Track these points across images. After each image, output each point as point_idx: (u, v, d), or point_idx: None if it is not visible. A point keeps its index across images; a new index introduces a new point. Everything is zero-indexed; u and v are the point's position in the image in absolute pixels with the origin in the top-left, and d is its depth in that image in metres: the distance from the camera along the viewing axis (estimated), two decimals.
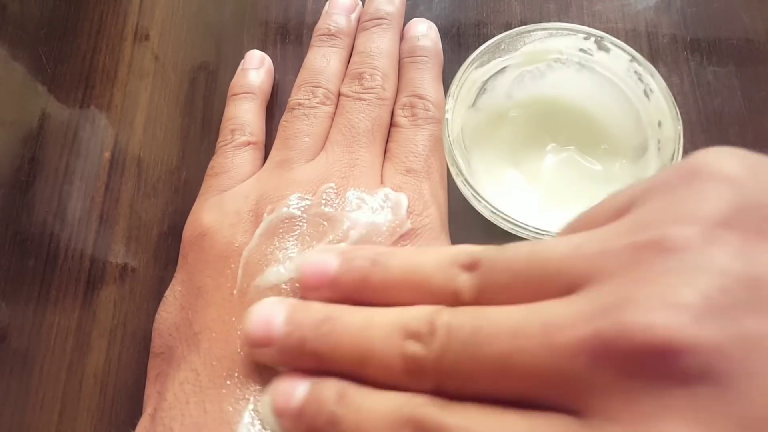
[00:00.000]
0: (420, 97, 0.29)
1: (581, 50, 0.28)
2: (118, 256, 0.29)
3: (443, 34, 0.32)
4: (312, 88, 0.29)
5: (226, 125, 0.30)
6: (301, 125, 0.28)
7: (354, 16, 0.32)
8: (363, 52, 0.30)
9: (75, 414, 0.27)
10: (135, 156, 0.32)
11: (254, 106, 0.31)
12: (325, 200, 0.25)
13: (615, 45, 0.27)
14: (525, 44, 0.28)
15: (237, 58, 0.33)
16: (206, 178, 0.29)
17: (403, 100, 0.29)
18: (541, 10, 0.34)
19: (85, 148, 0.32)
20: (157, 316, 0.26)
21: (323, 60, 0.30)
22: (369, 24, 0.31)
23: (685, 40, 0.33)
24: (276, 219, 0.25)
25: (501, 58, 0.28)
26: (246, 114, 0.30)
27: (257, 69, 0.32)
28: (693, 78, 0.32)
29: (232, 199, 0.27)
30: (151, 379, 0.25)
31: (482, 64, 0.28)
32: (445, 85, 0.30)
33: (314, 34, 0.32)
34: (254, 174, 0.28)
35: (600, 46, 0.28)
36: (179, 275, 0.26)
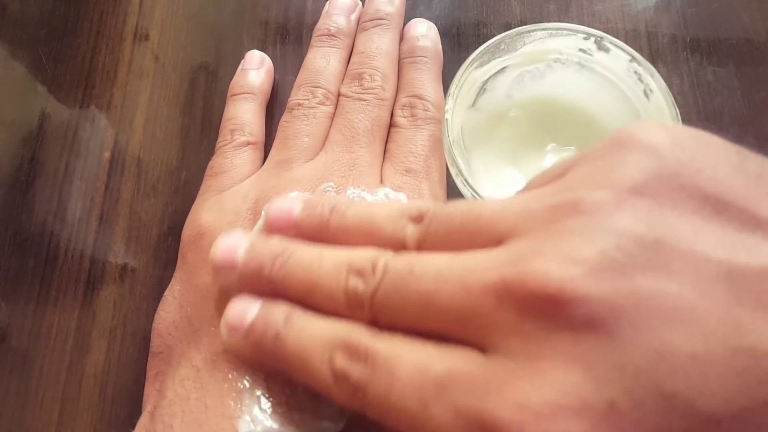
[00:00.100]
0: (419, 97, 0.29)
1: (581, 50, 0.28)
2: (117, 256, 0.30)
3: (443, 34, 0.32)
4: (312, 88, 0.29)
5: (226, 125, 0.30)
6: (301, 125, 0.28)
7: (354, 17, 0.32)
8: (363, 53, 0.30)
9: (75, 414, 0.27)
10: (135, 156, 0.32)
11: (254, 106, 0.31)
12: None
13: (615, 45, 0.27)
14: (525, 44, 0.28)
15: (237, 58, 0.33)
16: (206, 178, 0.29)
17: (403, 100, 0.29)
18: (541, 10, 0.34)
19: (85, 148, 0.32)
20: (156, 316, 0.26)
21: (323, 60, 0.30)
22: (369, 24, 0.31)
23: (685, 40, 0.33)
24: None
25: (501, 58, 0.28)
26: (246, 114, 0.30)
27: (257, 69, 0.32)
28: (693, 78, 0.32)
29: (231, 199, 0.27)
30: (151, 378, 0.25)
31: (482, 64, 0.28)
32: (445, 85, 0.30)
33: (314, 35, 0.32)
34: (254, 174, 0.28)
35: (600, 46, 0.28)
36: (178, 275, 0.26)
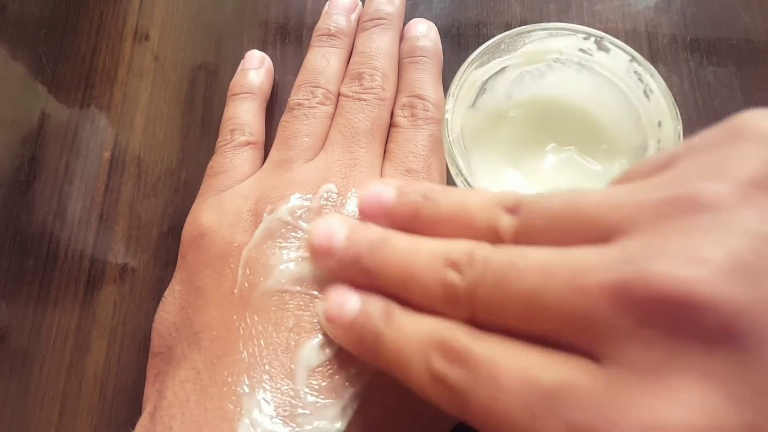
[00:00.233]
0: (420, 97, 0.29)
1: (581, 50, 0.28)
2: (117, 256, 0.29)
3: (443, 34, 0.32)
4: (312, 88, 0.29)
5: (226, 125, 0.30)
6: (301, 125, 0.28)
7: (354, 17, 0.32)
8: (363, 53, 0.30)
9: (75, 414, 0.27)
10: (135, 156, 0.32)
11: (254, 106, 0.31)
12: (327, 200, 0.25)
13: (615, 45, 0.27)
14: (525, 44, 0.28)
15: (237, 58, 0.33)
16: (205, 178, 0.29)
17: (403, 100, 0.29)
18: (541, 10, 0.34)
19: (85, 148, 0.32)
20: (156, 316, 0.26)
21: (323, 60, 0.30)
22: (369, 24, 0.31)
23: (685, 40, 0.33)
24: (276, 218, 0.25)
25: (501, 58, 0.28)
26: (246, 114, 0.30)
27: (257, 69, 0.32)
28: (693, 78, 0.32)
29: (231, 199, 0.27)
30: (151, 378, 0.25)
31: (482, 64, 0.28)
32: (445, 85, 0.30)
33: (314, 34, 0.32)
34: (254, 174, 0.28)
35: (600, 46, 0.28)
36: (178, 275, 0.26)
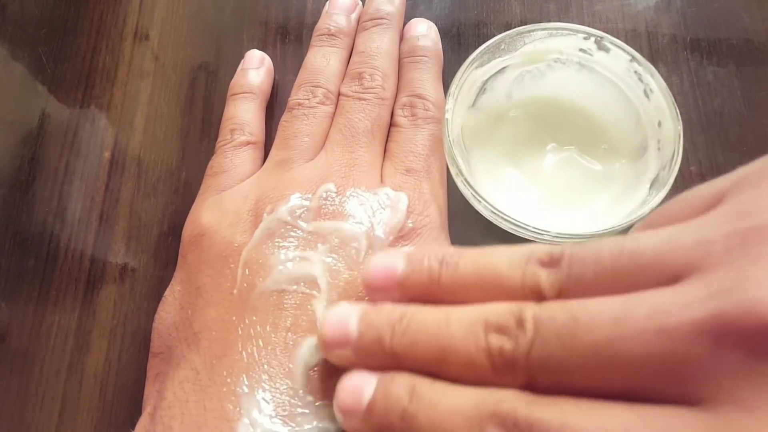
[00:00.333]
0: (420, 96, 0.29)
1: (581, 50, 0.28)
2: (118, 256, 0.29)
3: (443, 34, 0.32)
4: (312, 88, 0.29)
5: (226, 125, 0.30)
6: (301, 125, 0.28)
7: (354, 16, 0.32)
8: (363, 52, 0.30)
9: (75, 414, 0.27)
10: (135, 156, 0.32)
11: (254, 105, 0.31)
12: (326, 199, 0.25)
13: (615, 45, 0.27)
14: (525, 44, 0.28)
15: (237, 58, 0.33)
16: (205, 177, 0.29)
17: (403, 99, 0.29)
18: (541, 10, 0.34)
19: (85, 148, 0.32)
20: (156, 316, 0.26)
21: (323, 60, 0.30)
22: (369, 24, 0.31)
23: (685, 40, 0.33)
24: (276, 218, 0.25)
25: (501, 58, 0.28)
26: (246, 114, 0.30)
27: (257, 69, 0.32)
28: (693, 78, 0.32)
29: (231, 199, 0.27)
30: (151, 378, 0.25)
31: (482, 64, 0.28)
32: (445, 85, 0.30)
33: (314, 34, 0.32)
34: (254, 174, 0.28)
35: (600, 46, 0.28)
36: (178, 275, 0.26)
